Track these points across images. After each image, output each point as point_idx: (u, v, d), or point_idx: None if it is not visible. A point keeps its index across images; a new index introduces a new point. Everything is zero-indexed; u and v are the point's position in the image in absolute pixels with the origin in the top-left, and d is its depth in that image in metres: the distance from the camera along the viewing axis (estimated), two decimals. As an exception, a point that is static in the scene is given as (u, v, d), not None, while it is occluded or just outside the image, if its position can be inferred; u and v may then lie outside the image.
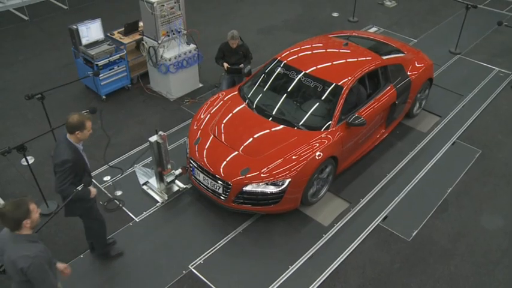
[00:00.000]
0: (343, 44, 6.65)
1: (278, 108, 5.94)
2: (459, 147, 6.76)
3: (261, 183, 5.21)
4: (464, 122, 7.27)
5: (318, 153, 5.33)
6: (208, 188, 5.50)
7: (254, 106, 6.03)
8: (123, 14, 10.20)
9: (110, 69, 7.43)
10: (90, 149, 6.61)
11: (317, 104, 5.87)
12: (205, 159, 5.50)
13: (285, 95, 6.05)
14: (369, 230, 5.43)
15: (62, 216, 4.57)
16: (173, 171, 5.75)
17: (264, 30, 10.22)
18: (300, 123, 5.71)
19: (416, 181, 6.14)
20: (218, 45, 7.29)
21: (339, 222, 5.51)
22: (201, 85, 8.17)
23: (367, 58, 6.36)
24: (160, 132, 5.41)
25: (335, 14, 11.01)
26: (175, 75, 7.57)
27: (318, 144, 5.43)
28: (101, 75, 7.32)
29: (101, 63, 7.23)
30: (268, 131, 5.69)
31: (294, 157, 5.30)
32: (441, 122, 7.27)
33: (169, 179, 5.71)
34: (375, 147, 6.59)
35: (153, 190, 5.91)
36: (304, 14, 11.06)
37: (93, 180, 4.70)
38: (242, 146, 5.50)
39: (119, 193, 5.88)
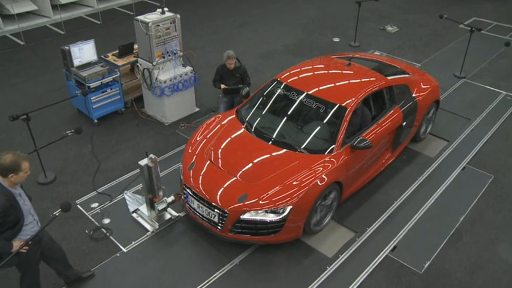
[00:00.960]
0: (346, 64, 6.37)
1: (278, 131, 5.59)
2: (470, 173, 6.37)
3: (259, 211, 4.80)
4: (473, 146, 6.91)
5: (321, 178, 4.95)
6: (203, 216, 5.09)
7: (253, 129, 5.69)
8: (120, 39, 10.01)
9: (102, 92, 7.14)
10: (79, 174, 6.25)
11: (319, 126, 5.52)
12: (200, 185, 5.11)
13: (286, 117, 5.71)
14: (376, 261, 4.98)
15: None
16: (165, 198, 5.35)
17: (264, 55, 10.01)
18: (302, 147, 5.35)
19: (426, 208, 5.73)
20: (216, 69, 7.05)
21: (344, 253, 5.07)
22: (197, 109, 7.86)
23: (371, 79, 6.07)
24: (151, 156, 5.04)
25: (336, 39, 10.83)
26: (171, 98, 7.27)
27: (321, 169, 5.06)
28: (92, 98, 7.02)
29: (93, 85, 6.94)
30: (267, 155, 5.32)
31: (295, 183, 4.91)
32: (449, 146, 6.91)
33: (160, 207, 5.30)
34: (381, 173, 6.21)
35: (143, 218, 5.50)
36: (305, 39, 10.89)
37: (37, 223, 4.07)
38: (240, 172, 5.13)
39: (106, 221, 5.46)
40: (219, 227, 4.95)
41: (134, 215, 5.56)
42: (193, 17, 12.03)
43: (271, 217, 4.81)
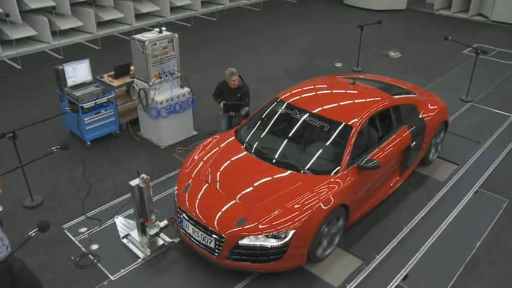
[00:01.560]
0: (350, 83, 6.11)
1: (280, 152, 5.27)
2: (483, 197, 6.00)
3: (259, 236, 4.42)
4: (485, 169, 6.56)
5: (326, 200, 4.59)
6: (199, 242, 4.70)
7: (253, 150, 5.37)
8: (117, 62, 9.83)
9: (96, 113, 6.86)
10: (68, 198, 5.89)
11: (324, 146, 5.21)
12: (195, 208, 4.75)
13: (288, 137, 5.40)
14: (387, 291, 4.56)
15: None
16: (157, 222, 4.98)
17: (265, 79, 9.81)
18: (306, 168, 5.01)
19: (439, 234, 5.33)
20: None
21: (352, 282, 4.65)
22: (195, 133, 7.57)
23: (377, 98, 5.79)
24: (143, 175, 4.71)
25: (338, 64, 10.66)
26: (167, 120, 6.99)
27: (326, 191, 4.71)
28: (86, 119, 6.74)
29: (86, 105, 6.67)
30: (269, 176, 4.99)
31: (298, 205, 4.55)
32: (459, 170, 6.56)
33: (152, 232, 4.92)
34: (388, 197, 5.85)
35: (134, 244, 5.10)
36: (307, 63, 10.73)
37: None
38: (239, 194, 4.77)
39: (94, 247, 5.07)
40: (215, 254, 4.55)
41: (124, 240, 5.17)
42: (193, 41, 11.93)
43: (272, 242, 4.42)
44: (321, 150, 5.18)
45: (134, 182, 4.70)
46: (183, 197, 4.95)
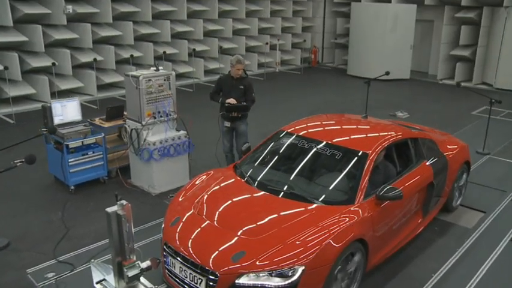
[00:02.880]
0: (362, 116, 5.60)
1: (288, 184, 4.60)
2: (520, 245, 5.18)
3: (261, 273, 3.61)
4: (517, 217, 5.79)
5: (342, 232, 3.85)
6: (186, 283, 3.87)
7: (256, 184, 4.68)
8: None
9: (82, 155, 6.28)
10: (40, 242, 5.11)
11: (338, 176, 4.57)
12: (183, 242, 4.00)
13: (296, 169, 4.76)
14: None
15: None
16: (138, 262, 4.15)
17: (268, 134, 9.31)
18: (318, 199, 4.31)
19: (475, 284, 4.45)
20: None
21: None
22: (191, 180, 6.90)
23: (391, 131, 5.22)
24: (123, 201, 3.99)
25: (343, 122, 10.24)
26: (160, 164, 6.37)
27: (341, 222, 3.97)
28: (70, 160, 6.14)
29: (72, 144, 6.11)
30: (274, 208, 4.28)
31: (308, 238, 3.79)
32: (488, 217, 5.80)
33: (131, 273, 4.04)
34: (411, 243, 5.04)
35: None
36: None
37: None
38: (237, 226, 4.04)
39: (61, 294, 4.21)
40: (206, 298, 3.71)
41: (98, 286, 4.29)
42: (195, 103, 11.66)
43: (276, 282, 3.60)
44: (334, 181, 4.53)
45: (111, 209, 3.96)
46: (170, 231, 4.21)
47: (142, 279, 4.26)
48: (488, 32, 13.98)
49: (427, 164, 5.17)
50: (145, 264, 4.19)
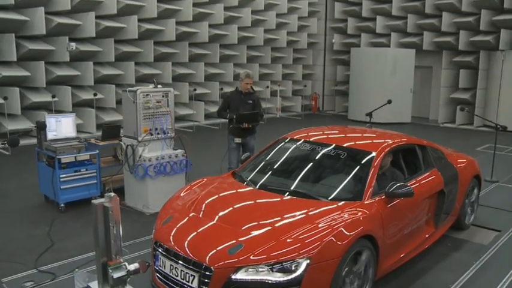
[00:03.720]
0: (367, 125, 5.43)
1: (292, 184, 4.34)
2: (541, 260, 4.78)
3: (260, 268, 3.24)
4: (535, 235, 5.42)
5: (349, 224, 3.55)
6: (177, 283, 3.48)
7: (258, 186, 4.39)
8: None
9: (75, 171, 6.01)
10: (20, 253, 4.74)
11: (344, 177, 4.32)
12: (175, 237, 3.67)
13: (301, 172, 4.50)
14: None
15: None
16: (125, 263, 3.78)
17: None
18: (326, 198, 4.03)
19: (498, 294, 4.04)
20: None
21: None
22: (188, 204, 6.57)
23: (397, 138, 5.00)
24: (112, 194, 3.69)
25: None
26: (155, 182, 6.08)
27: (347, 215, 3.67)
28: (62, 176, 5.86)
29: (64, 159, 5.86)
30: (278, 206, 4.02)
31: (314, 231, 3.47)
32: (504, 235, 5.42)
33: (116, 274, 3.66)
34: (424, 257, 4.65)
35: (91, 295, 3.82)
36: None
37: None
38: (236, 222, 3.72)
39: (38, 302, 3.79)
40: (199, 298, 3.31)
41: (80, 293, 3.89)
42: (195, 142, 11.51)
43: (277, 277, 3.22)
44: (341, 181, 4.27)
45: (98, 201, 3.66)
46: (161, 229, 3.89)
47: (129, 285, 3.88)
48: (486, 75, 14.11)
49: (437, 171, 4.90)
50: (133, 267, 3.80)
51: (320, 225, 3.51)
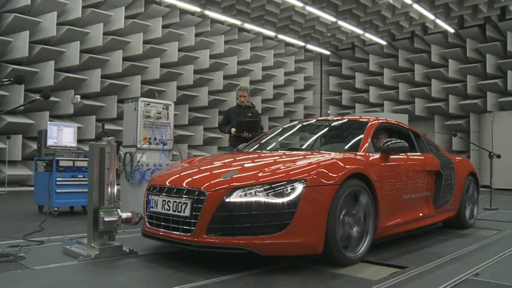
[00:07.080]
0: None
1: (289, 145, 4.67)
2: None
3: (255, 188, 3.17)
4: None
5: (345, 159, 3.64)
6: (170, 216, 3.36)
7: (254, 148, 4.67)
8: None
9: (72, 176, 5.99)
10: (9, 233, 4.57)
11: (340, 138, 4.56)
12: (171, 176, 3.69)
13: (297, 139, 4.84)
14: None
15: None
16: (118, 210, 3.70)
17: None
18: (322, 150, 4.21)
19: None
20: None
21: (394, 280, 3.10)
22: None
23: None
24: (111, 138, 3.74)
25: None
26: (152, 189, 6.03)
27: (342, 155, 3.77)
28: (58, 179, 5.83)
29: (63, 162, 5.88)
30: (274, 155, 4.14)
31: (309, 161, 3.53)
32: (505, 231, 5.27)
33: (108, 218, 3.59)
34: (423, 235, 4.51)
35: (79, 246, 3.66)
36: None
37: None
38: (231, 166, 3.75)
39: (22, 254, 3.60)
40: (191, 228, 3.19)
41: (67, 246, 3.72)
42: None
43: (273, 201, 3.15)
44: (336, 141, 4.52)
45: (96, 142, 3.69)
46: (155, 177, 3.93)
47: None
48: (478, 136, 14.47)
49: (433, 155, 4.96)
50: (125, 215, 3.81)
51: (316, 159, 3.53)
